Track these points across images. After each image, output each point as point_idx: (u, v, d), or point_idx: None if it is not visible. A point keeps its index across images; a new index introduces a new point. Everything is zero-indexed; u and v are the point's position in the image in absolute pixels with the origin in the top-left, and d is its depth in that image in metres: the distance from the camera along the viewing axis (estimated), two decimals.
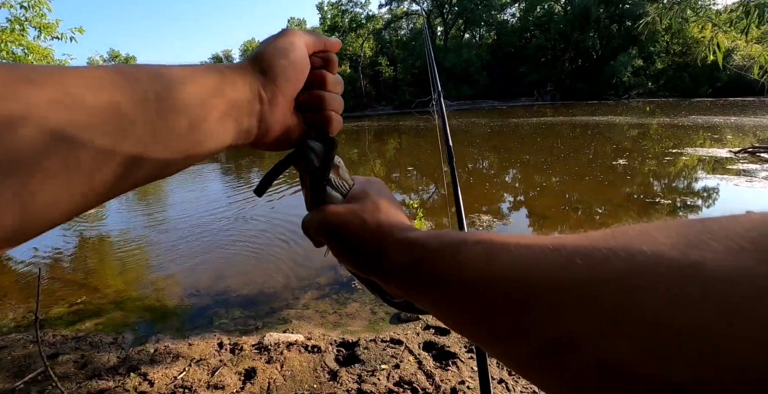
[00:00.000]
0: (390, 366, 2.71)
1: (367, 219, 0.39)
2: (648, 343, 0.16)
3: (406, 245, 0.34)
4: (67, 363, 3.02)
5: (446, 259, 0.29)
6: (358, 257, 0.38)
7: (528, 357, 0.22)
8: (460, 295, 0.27)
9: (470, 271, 0.26)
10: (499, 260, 0.25)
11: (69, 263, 5.49)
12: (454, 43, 39.84)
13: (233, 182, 10.68)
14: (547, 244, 0.24)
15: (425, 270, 0.30)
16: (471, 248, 0.28)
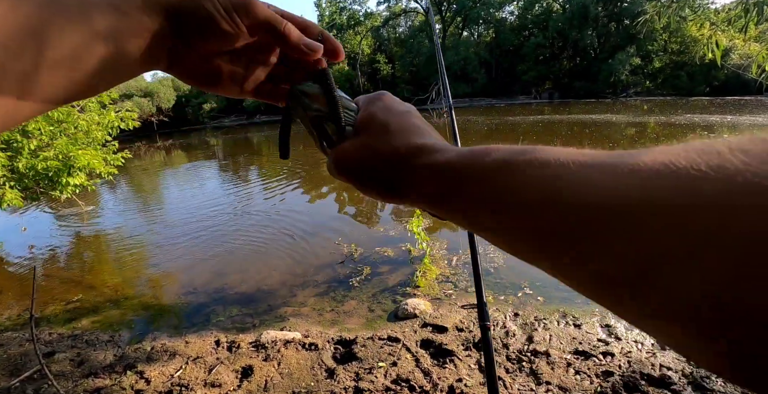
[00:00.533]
0: (387, 364, 2.71)
1: (380, 148, 0.36)
2: (749, 266, 0.15)
3: (436, 172, 0.32)
4: (63, 361, 3.01)
5: (496, 185, 0.26)
6: (383, 191, 0.36)
7: (605, 285, 0.20)
8: (517, 222, 0.25)
9: (531, 196, 0.24)
10: (569, 186, 0.22)
11: (65, 261, 5.47)
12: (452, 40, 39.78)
13: (230, 179, 10.65)
14: (617, 165, 0.21)
15: (467, 196, 0.29)
16: (527, 173, 0.25)
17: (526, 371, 2.64)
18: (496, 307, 3.41)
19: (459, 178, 0.30)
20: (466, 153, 0.31)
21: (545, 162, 0.24)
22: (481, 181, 0.28)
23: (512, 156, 0.27)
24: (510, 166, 0.26)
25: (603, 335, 3.01)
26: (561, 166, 0.23)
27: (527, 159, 0.26)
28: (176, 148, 18.87)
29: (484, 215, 0.28)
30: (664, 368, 2.61)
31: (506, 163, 0.27)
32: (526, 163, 0.25)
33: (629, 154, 0.21)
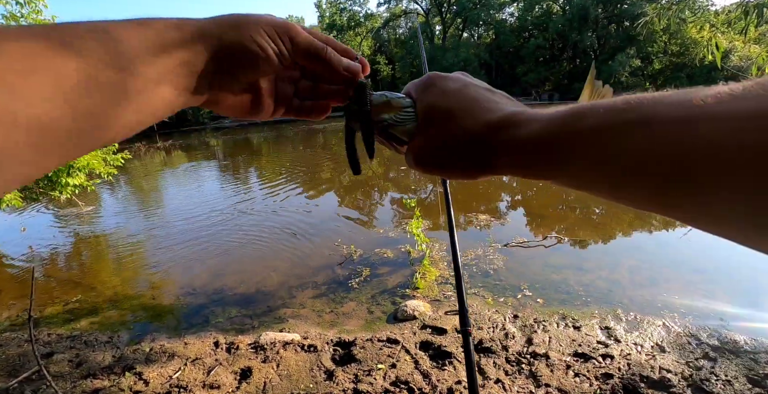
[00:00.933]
0: (386, 366, 2.71)
1: (453, 135, 0.36)
2: None
3: (526, 146, 0.31)
4: (62, 362, 3.00)
5: (603, 150, 0.26)
6: (471, 172, 0.37)
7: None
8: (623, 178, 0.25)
9: (659, 147, 0.23)
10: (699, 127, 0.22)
11: (64, 262, 5.46)
12: (453, 42, 39.82)
13: (230, 180, 10.64)
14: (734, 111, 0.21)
15: (566, 162, 0.28)
16: (632, 134, 0.25)
17: (526, 373, 2.63)
18: (495, 309, 3.41)
19: (553, 149, 0.29)
20: (554, 122, 0.30)
21: (643, 119, 0.24)
22: (584, 148, 0.27)
23: (608, 118, 0.26)
24: (611, 130, 0.26)
25: (602, 337, 3.00)
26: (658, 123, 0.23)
27: (626, 119, 0.25)
28: (176, 148, 18.86)
29: (590, 176, 0.28)
30: (663, 370, 2.60)
31: (605, 127, 0.26)
32: (624, 124, 0.25)
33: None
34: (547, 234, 5.03)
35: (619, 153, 0.25)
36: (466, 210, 6.33)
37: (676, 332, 3.02)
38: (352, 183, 8.96)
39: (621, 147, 0.25)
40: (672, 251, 4.54)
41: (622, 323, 3.16)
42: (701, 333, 2.99)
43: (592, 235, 5.15)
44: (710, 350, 2.80)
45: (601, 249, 4.81)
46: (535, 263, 4.29)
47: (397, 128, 0.40)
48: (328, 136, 19.33)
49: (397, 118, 0.40)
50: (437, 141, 0.37)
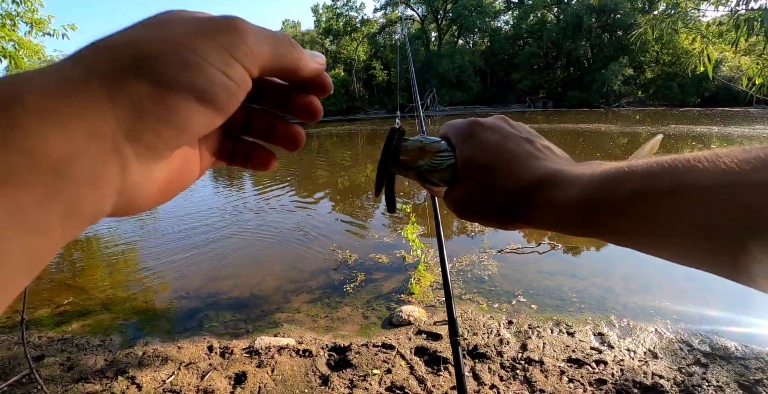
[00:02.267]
0: (382, 371, 2.71)
1: (491, 191, 0.36)
2: None
3: (564, 209, 0.31)
4: (53, 365, 2.97)
5: (643, 217, 0.26)
6: (507, 224, 0.37)
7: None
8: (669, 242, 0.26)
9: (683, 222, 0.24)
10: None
11: (56, 264, 5.40)
12: (448, 48, 40.09)
13: (224, 183, 10.60)
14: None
15: (604, 227, 0.29)
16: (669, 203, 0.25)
17: (520, 379, 2.65)
18: (490, 315, 3.43)
19: (591, 212, 0.29)
20: (593, 185, 0.30)
21: (685, 186, 0.24)
22: (620, 213, 0.27)
23: (647, 184, 0.26)
24: (647, 197, 0.26)
25: (596, 343, 3.03)
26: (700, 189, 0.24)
27: (665, 188, 0.25)
28: None
29: (631, 240, 0.28)
30: (656, 376, 2.63)
31: (642, 193, 0.26)
32: (666, 193, 0.25)
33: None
34: (541, 240, 5.07)
35: (653, 219, 0.26)
36: None
37: (668, 339, 3.05)
38: (347, 188, 8.97)
39: (654, 214, 0.25)
40: None
41: (615, 329, 3.19)
42: (693, 339, 3.03)
43: (585, 242, 5.20)
44: (702, 356, 2.84)
45: (594, 256, 4.85)
46: (529, 270, 4.32)
47: (434, 175, 0.41)
48: (322, 140, 19.35)
49: (432, 164, 0.40)
50: (475, 195, 0.37)
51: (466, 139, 0.40)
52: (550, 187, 0.33)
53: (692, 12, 4.90)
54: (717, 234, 0.23)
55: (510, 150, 0.37)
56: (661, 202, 0.25)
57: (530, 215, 0.34)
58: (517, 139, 0.38)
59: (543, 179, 0.34)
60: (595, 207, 0.29)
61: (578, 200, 0.30)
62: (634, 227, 0.27)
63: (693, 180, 0.24)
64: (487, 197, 0.36)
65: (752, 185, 0.21)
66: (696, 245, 0.24)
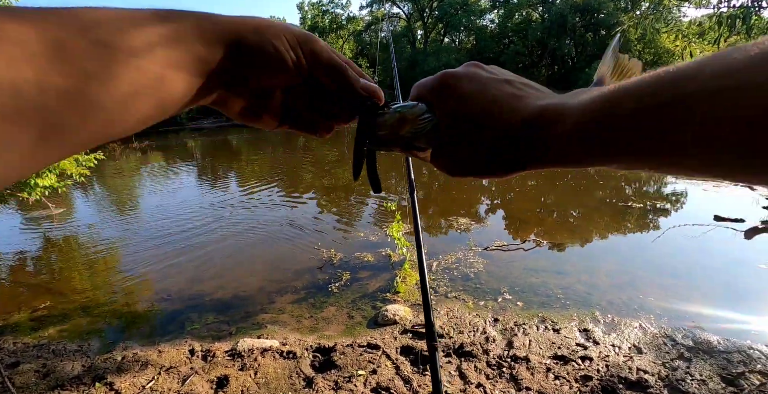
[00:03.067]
0: (367, 372, 2.67)
1: (485, 138, 0.35)
2: None
3: (567, 141, 0.30)
4: (28, 373, 2.87)
5: (652, 133, 0.25)
6: (508, 170, 0.36)
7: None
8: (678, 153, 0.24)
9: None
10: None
11: (33, 266, 5.25)
12: (434, 46, 40.13)
13: (208, 183, 10.44)
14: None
15: (614, 151, 0.28)
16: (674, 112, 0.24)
17: (507, 377, 2.64)
18: (476, 312, 3.41)
19: (592, 141, 0.29)
20: (589, 113, 0.29)
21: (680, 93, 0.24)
22: (625, 135, 0.27)
23: (648, 100, 0.25)
24: (651, 113, 0.25)
25: (581, 339, 3.03)
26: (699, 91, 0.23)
27: (668, 101, 0.24)
28: (153, 149, 18.38)
29: (641, 161, 0.27)
30: (640, 371, 2.64)
31: (644, 110, 0.25)
32: (670, 105, 0.24)
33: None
34: (527, 237, 5.08)
35: (661, 135, 0.25)
36: (446, 214, 6.35)
37: (652, 334, 3.08)
38: (333, 186, 8.90)
39: (662, 129, 0.24)
40: (647, 254, 4.64)
41: (600, 325, 3.21)
42: (676, 334, 3.06)
43: (571, 238, 5.23)
44: (685, 351, 2.86)
45: (579, 252, 4.88)
46: (514, 267, 4.33)
47: (419, 140, 0.39)
48: (308, 138, 19.21)
49: (415, 130, 0.39)
50: (469, 150, 0.36)
51: (442, 94, 0.38)
52: (545, 123, 0.32)
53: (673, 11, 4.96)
54: (736, 142, 0.21)
55: (492, 96, 0.35)
56: (665, 114, 0.24)
57: (532, 156, 0.33)
58: (495, 83, 0.37)
59: (534, 117, 0.33)
60: (597, 133, 0.28)
61: (578, 129, 0.29)
62: (642, 147, 0.26)
63: (697, 87, 0.23)
64: (482, 150, 0.35)
65: (761, 83, 0.20)
66: (714, 157, 0.23)
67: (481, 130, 0.35)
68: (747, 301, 3.56)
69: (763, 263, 4.21)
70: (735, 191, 7.10)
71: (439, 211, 6.64)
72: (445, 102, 0.37)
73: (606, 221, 5.95)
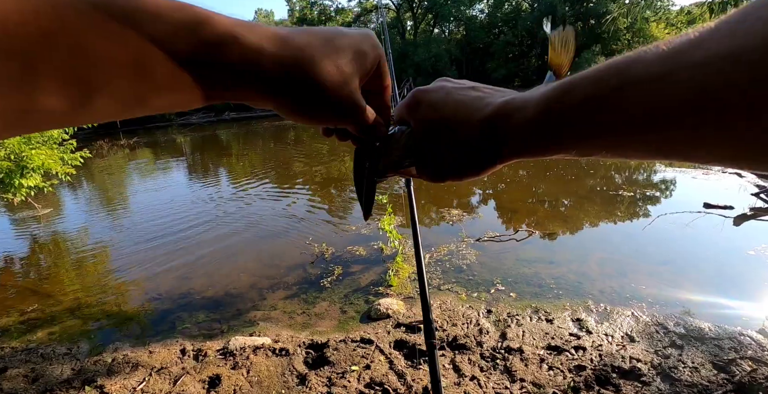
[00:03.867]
0: (360, 367, 2.66)
1: (457, 142, 0.37)
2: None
3: (526, 132, 0.32)
4: (16, 378, 2.82)
5: (602, 118, 0.27)
6: (487, 168, 0.37)
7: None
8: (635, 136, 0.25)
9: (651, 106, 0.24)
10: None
11: (19, 268, 5.16)
12: (424, 37, 39.86)
13: (197, 179, 10.32)
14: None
15: (572, 136, 0.29)
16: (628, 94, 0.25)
17: (501, 369, 2.63)
18: (469, 304, 3.41)
19: (550, 128, 0.30)
20: (545, 102, 0.31)
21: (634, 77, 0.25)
22: (577, 121, 0.28)
23: (593, 88, 0.27)
24: (597, 99, 0.27)
25: (574, 329, 3.04)
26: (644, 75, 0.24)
27: (613, 86, 0.26)
28: (141, 146, 18.14)
29: (590, 144, 0.29)
30: (633, 360, 2.65)
31: (591, 97, 0.27)
32: (615, 90, 0.26)
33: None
34: (519, 228, 5.08)
35: (609, 119, 0.26)
36: (438, 205, 6.34)
37: (644, 322, 3.09)
38: (323, 181, 8.85)
39: (609, 113, 0.26)
40: (637, 243, 4.66)
41: (593, 314, 3.21)
42: (668, 322, 3.07)
43: (562, 228, 5.24)
44: (677, 338, 2.88)
45: (570, 242, 4.89)
46: (507, 257, 4.32)
47: (405, 159, 0.42)
48: (299, 132, 19.07)
49: (402, 151, 0.41)
50: (444, 154, 0.38)
51: (415, 108, 0.40)
52: (506, 116, 0.34)
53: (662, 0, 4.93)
54: (674, 120, 0.23)
55: (457, 100, 0.38)
56: (611, 100, 0.26)
57: (498, 149, 0.35)
58: (461, 90, 0.39)
59: (496, 113, 0.35)
60: (554, 120, 0.30)
61: (536, 118, 0.31)
62: (596, 132, 0.28)
63: (638, 72, 0.24)
64: (455, 151, 0.37)
65: (692, 64, 0.22)
66: (661, 136, 0.24)
67: (452, 132, 0.37)
68: (737, 287, 3.59)
69: (753, 249, 4.24)
70: (724, 178, 7.15)
71: (431, 203, 6.62)
72: (418, 112, 0.40)
73: (597, 209, 5.97)
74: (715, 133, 0.22)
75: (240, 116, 31.19)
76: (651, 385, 2.44)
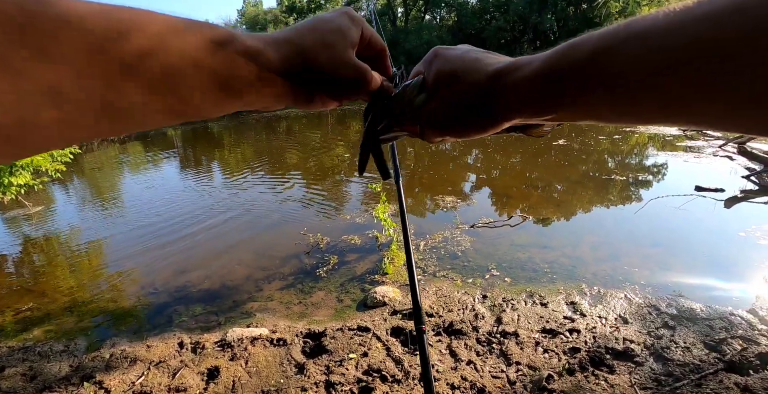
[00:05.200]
0: (358, 355, 2.68)
1: (461, 90, 0.38)
2: None
3: (531, 84, 0.33)
4: (14, 377, 2.81)
5: (607, 72, 0.27)
6: (485, 125, 0.38)
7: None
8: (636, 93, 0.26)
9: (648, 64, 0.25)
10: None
11: (13, 267, 5.12)
12: (415, 24, 39.45)
13: (189, 172, 10.24)
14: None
15: (575, 94, 0.30)
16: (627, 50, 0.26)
17: (497, 353, 2.67)
18: (464, 290, 3.43)
19: (556, 82, 0.31)
20: (553, 56, 0.31)
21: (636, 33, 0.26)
22: (587, 76, 0.29)
23: (606, 41, 0.28)
24: (610, 50, 0.27)
25: (569, 312, 3.07)
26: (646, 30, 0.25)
27: (621, 38, 0.27)
28: (131, 140, 17.91)
29: (593, 99, 0.29)
30: (627, 341, 2.69)
31: (603, 48, 0.28)
32: (622, 42, 0.26)
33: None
34: (512, 213, 5.10)
35: (615, 69, 0.27)
36: (432, 192, 6.34)
37: (637, 304, 3.13)
38: (317, 170, 8.81)
39: (616, 63, 0.27)
40: (629, 227, 4.70)
41: (586, 297, 3.25)
42: (660, 303, 3.11)
43: (555, 212, 5.26)
44: (669, 319, 2.92)
45: (563, 226, 4.92)
46: (501, 243, 4.35)
47: (412, 112, 0.43)
48: (291, 122, 18.92)
49: (409, 102, 0.43)
50: (447, 101, 0.39)
51: (431, 61, 0.42)
52: (514, 70, 0.35)
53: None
54: (681, 67, 0.23)
55: (472, 57, 0.39)
56: (620, 50, 0.26)
57: (502, 105, 0.36)
58: (478, 52, 0.41)
59: (506, 66, 0.36)
60: (558, 72, 0.31)
61: (542, 70, 0.32)
62: (600, 82, 0.28)
63: (646, 25, 0.25)
64: (459, 99, 0.38)
65: (699, 17, 0.23)
66: (665, 86, 0.25)
67: (459, 83, 0.38)
68: (728, 268, 3.64)
69: (743, 230, 4.29)
70: (715, 162, 7.20)
71: (425, 190, 6.62)
72: (433, 64, 0.42)
73: (590, 194, 6.00)
74: (721, 79, 0.22)
75: None
76: (644, 365, 2.49)
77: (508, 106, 0.35)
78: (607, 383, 2.34)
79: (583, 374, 2.42)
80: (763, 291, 3.22)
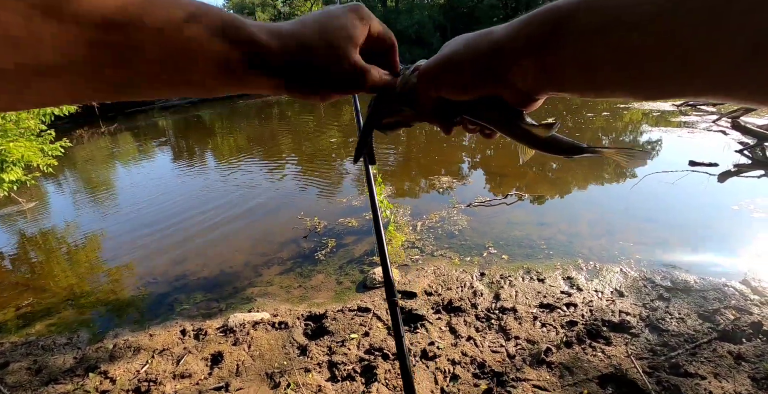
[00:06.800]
0: (359, 335, 2.71)
1: (464, 49, 0.39)
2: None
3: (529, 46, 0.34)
4: (19, 371, 2.82)
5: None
6: (486, 83, 0.39)
7: (739, 58, 0.22)
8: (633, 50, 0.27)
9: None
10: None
11: (11, 264, 5.11)
12: (406, 4, 38.72)
13: (183, 161, 10.16)
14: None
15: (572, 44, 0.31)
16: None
17: (495, 328, 2.71)
18: (462, 268, 3.46)
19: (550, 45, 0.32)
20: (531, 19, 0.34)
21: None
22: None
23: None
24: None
25: (565, 287, 3.11)
26: None
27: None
28: (122, 132, 17.67)
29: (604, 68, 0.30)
30: (623, 313, 2.74)
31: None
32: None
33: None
34: (508, 192, 5.11)
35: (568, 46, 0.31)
36: (428, 173, 6.33)
37: (632, 277, 3.17)
38: (311, 154, 8.76)
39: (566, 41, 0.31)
40: (624, 202, 4.72)
41: (583, 272, 3.29)
42: (655, 276, 3.16)
43: (550, 190, 5.28)
44: (664, 292, 2.96)
45: (559, 203, 4.94)
46: (498, 221, 4.37)
47: (408, 99, 0.46)
48: (284, 108, 18.72)
49: (404, 93, 0.46)
50: (447, 59, 0.41)
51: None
52: (508, 24, 0.37)
53: None
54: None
55: (476, 33, 0.41)
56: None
57: (498, 64, 0.37)
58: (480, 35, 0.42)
59: (501, 34, 0.37)
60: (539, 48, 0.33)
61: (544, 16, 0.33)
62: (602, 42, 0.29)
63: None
64: (461, 57, 0.39)
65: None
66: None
67: (464, 49, 0.39)
68: (721, 241, 3.68)
69: (736, 204, 4.32)
70: (709, 136, 7.21)
71: (421, 171, 6.61)
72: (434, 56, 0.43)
73: (584, 171, 6.01)
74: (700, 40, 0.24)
75: (222, 96, 30.37)
76: (640, 336, 2.53)
77: (506, 64, 0.36)
78: (604, 355, 2.39)
79: (580, 347, 2.47)
80: (755, 263, 3.27)
